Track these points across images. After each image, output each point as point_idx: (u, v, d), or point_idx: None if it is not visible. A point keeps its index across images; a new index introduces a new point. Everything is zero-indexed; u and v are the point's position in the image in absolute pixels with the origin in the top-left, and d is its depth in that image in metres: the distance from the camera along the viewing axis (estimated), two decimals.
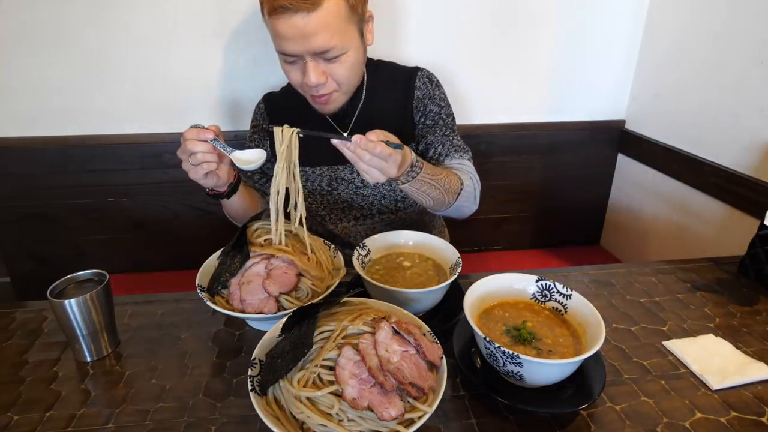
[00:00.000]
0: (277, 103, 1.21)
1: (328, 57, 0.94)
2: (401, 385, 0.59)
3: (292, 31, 0.89)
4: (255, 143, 1.21)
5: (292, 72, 0.99)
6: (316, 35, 0.90)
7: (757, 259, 1.01)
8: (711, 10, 1.38)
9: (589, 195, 1.86)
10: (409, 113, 1.14)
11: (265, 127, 1.20)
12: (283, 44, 0.93)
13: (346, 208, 1.17)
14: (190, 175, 0.89)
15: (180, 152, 0.88)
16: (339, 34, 0.92)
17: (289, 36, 0.90)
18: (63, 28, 1.36)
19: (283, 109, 1.19)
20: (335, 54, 0.94)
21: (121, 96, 1.47)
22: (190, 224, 1.63)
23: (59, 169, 1.50)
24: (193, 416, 0.68)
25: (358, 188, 1.14)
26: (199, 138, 0.85)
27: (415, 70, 1.16)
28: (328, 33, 0.90)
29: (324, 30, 0.90)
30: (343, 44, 0.94)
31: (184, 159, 0.88)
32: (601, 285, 1.00)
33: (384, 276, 0.89)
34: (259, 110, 1.22)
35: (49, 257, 1.61)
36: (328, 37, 0.91)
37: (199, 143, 0.85)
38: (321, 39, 0.90)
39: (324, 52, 0.93)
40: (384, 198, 1.16)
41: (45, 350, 0.82)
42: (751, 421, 0.68)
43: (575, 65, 1.65)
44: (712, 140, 1.42)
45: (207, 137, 0.85)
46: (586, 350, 0.66)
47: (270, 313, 0.77)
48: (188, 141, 0.85)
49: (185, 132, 0.86)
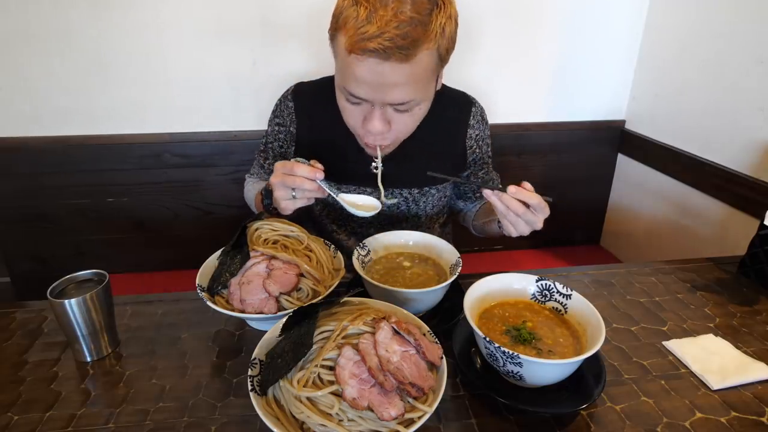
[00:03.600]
0: (309, 101, 1.08)
1: (401, 109, 0.85)
2: (401, 385, 0.59)
3: (372, 77, 0.79)
4: (280, 143, 1.11)
5: (352, 112, 0.89)
6: (398, 87, 0.80)
7: (757, 259, 1.01)
8: (711, 11, 1.39)
9: (589, 195, 1.86)
10: (460, 148, 1.10)
11: (292, 130, 1.09)
12: (355, 87, 0.82)
13: (364, 224, 1.14)
14: (284, 204, 0.85)
15: (281, 183, 0.83)
16: (422, 88, 0.84)
17: (368, 81, 0.80)
18: (64, 28, 1.36)
19: (314, 109, 1.07)
20: (409, 107, 0.86)
21: (122, 96, 1.47)
22: (190, 224, 1.63)
23: (59, 169, 1.50)
24: (193, 416, 0.68)
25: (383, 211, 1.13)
26: (311, 176, 0.81)
27: (469, 104, 1.10)
28: (412, 87, 0.81)
29: (408, 83, 0.80)
30: (420, 97, 0.85)
31: (285, 190, 0.84)
32: (601, 285, 1.00)
33: (384, 276, 0.89)
34: (287, 108, 1.09)
35: (49, 257, 1.61)
36: (411, 91, 0.82)
37: (308, 182, 0.82)
38: (402, 92, 0.81)
39: (400, 104, 0.84)
40: (406, 222, 1.14)
41: (45, 350, 0.82)
42: (751, 421, 0.68)
43: (575, 65, 1.65)
44: (712, 140, 1.42)
45: (319, 177, 0.82)
46: (586, 350, 0.66)
47: (270, 313, 0.77)
48: (298, 178, 0.81)
49: (297, 167, 0.82)
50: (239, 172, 1.59)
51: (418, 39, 0.76)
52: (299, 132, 1.09)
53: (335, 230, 1.17)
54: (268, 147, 1.14)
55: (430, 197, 1.12)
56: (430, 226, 1.19)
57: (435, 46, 0.80)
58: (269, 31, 1.45)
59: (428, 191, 1.11)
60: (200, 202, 1.62)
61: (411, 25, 0.75)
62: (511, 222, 0.82)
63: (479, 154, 1.14)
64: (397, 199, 1.09)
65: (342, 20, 0.79)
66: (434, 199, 1.13)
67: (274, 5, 1.43)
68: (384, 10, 0.75)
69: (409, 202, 1.11)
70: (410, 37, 0.75)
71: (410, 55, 0.76)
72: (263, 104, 1.54)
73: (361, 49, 0.76)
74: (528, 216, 0.80)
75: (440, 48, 0.81)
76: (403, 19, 0.75)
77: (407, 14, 0.75)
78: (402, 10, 0.75)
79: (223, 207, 1.64)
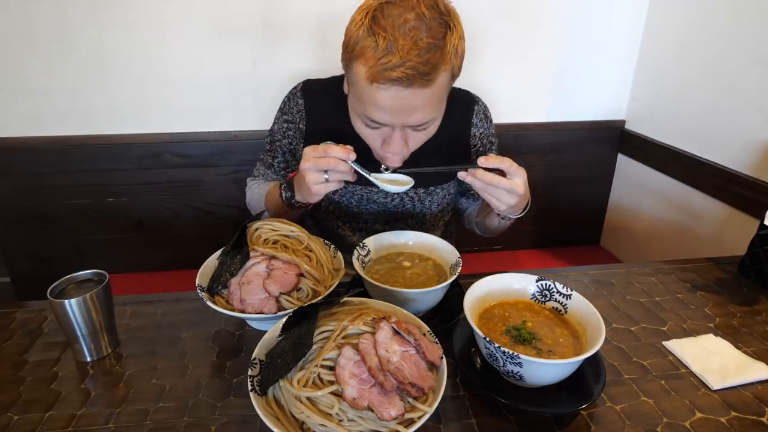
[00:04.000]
0: (318, 100, 1.09)
1: (420, 129, 0.88)
2: (401, 385, 0.59)
3: (395, 104, 0.81)
4: (289, 140, 1.11)
5: (371, 136, 0.91)
6: (419, 111, 0.83)
7: (757, 259, 1.01)
8: (711, 11, 1.39)
9: (589, 195, 1.86)
10: (464, 146, 1.12)
11: (301, 127, 1.09)
12: (377, 114, 0.84)
13: (369, 220, 1.15)
14: (316, 189, 0.85)
15: (313, 167, 0.83)
16: (438, 106, 0.86)
17: (390, 108, 0.82)
18: (64, 28, 1.36)
19: (324, 108, 1.08)
20: (427, 126, 0.88)
21: (122, 96, 1.47)
22: (190, 224, 1.63)
23: (59, 169, 1.50)
24: (193, 416, 0.68)
25: (388, 209, 1.13)
26: (343, 157, 0.82)
27: (472, 102, 1.12)
28: (431, 108, 0.84)
29: (428, 105, 0.83)
30: (437, 115, 0.88)
31: (317, 174, 0.84)
32: (601, 285, 1.00)
33: (384, 276, 0.89)
34: (297, 105, 1.09)
35: (49, 257, 1.61)
36: (430, 112, 0.85)
37: (342, 163, 0.82)
38: (422, 114, 0.84)
39: (419, 125, 0.86)
40: (411, 219, 1.15)
41: (45, 350, 0.82)
42: (751, 421, 0.68)
43: (575, 65, 1.65)
44: (712, 140, 1.42)
45: (351, 158, 0.82)
46: (586, 350, 0.66)
47: (270, 313, 0.77)
48: (332, 159, 0.82)
49: (330, 149, 0.82)
50: (239, 172, 1.59)
51: (437, 63, 0.78)
52: (308, 129, 1.09)
53: (340, 226, 1.18)
54: (275, 145, 1.14)
55: (435, 196, 1.13)
56: (434, 224, 1.20)
57: (450, 67, 0.82)
58: (269, 31, 1.45)
59: (434, 190, 1.12)
60: (200, 202, 1.62)
61: (430, 52, 0.77)
62: (492, 195, 0.84)
63: (483, 152, 1.15)
64: None
65: (359, 50, 0.80)
66: (439, 197, 1.14)
67: (274, 5, 1.43)
68: (404, 39, 0.76)
69: (414, 201, 1.12)
70: (430, 63, 0.77)
71: (431, 80, 0.79)
72: (263, 104, 1.54)
73: (384, 78, 0.77)
74: (505, 184, 0.82)
75: (454, 68, 0.84)
76: (422, 47, 0.76)
77: (425, 41, 0.77)
78: (420, 38, 0.77)
79: (223, 207, 1.64)
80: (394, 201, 1.11)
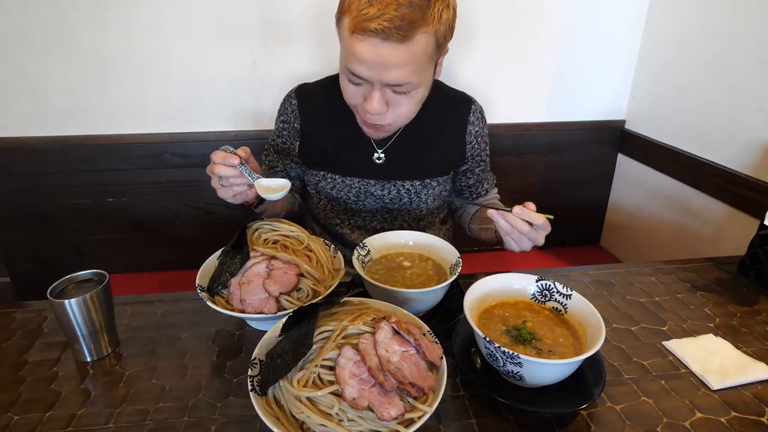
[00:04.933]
0: (312, 99, 1.12)
1: (399, 91, 0.90)
2: (401, 385, 0.59)
3: (372, 57, 0.84)
4: (283, 140, 1.15)
5: (353, 93, 0.94)
6: (396, 68, 0.85)
7: (757, 259, 1.01)
8: (711, 10, 1.38)
9: (589, 195, 1.86)
10: (460, 144, 1.13)
11: (296, 126, 1.13)
12: (357, 66, 0.87)
13: (368, 217, 1.16)
14: (219, 194, 0.87)
15: (209, 171, 0.86)
16: (419, 71, 0.88)
17: (368, 61, 0.84)
18: (64, 28, 1.36)
19: (318, 106, 1.11)
20: (407, 89, 0.90)
21: (122, 96, 1.47)
22: (190, 224, 1.63)
23: (59, 169, 1.50)
24: (193, 416, 0.68)
25: (385, 204, 1.14)
26: (225, 163, 0.83)
27: (469, 102, 1.14)
28: (410, 68, 0.85)
29: (407, 64, 0.85)
30: (419, 81, 0.90)
31: (214, 179, 0.86)
32: (601, 285, 1.00)
33: (384, 276, 0.89)
34: (291, 105, 1.13)
35: (49, 257, 1.61)
36: (408, 73, 0.86)
37: (226, 168, 0.83)
38: (401, 73, 0.85)
39: (398, 85, 0.88)
40: (408, 214, 1.16)
41: (45, 350, 0.82)
42: (751, 421, 0.68)
43: (575, 65, 1.65)
44: (712, 140, 1.42)
45: (233, 162, 0.83)
46: (586, 350, 0.66)
47: (270, 313, 0.77)
48: (216, 165, 0.83)
49: (213, 155, 0.84)
50: None
51: (416, 21, 0.81)
52: (303, 127, 1.13)
53: (338, 224, 1.19)
54: (271, 144, 1.19)
55: (431, 189, 1.14)
56: (431, 221, 1.21)
57: (432, 31, 0.85)
58: (269, 31, 1.45)
59: (429, 183, 1.13)
60: (200, 202, 1.61)
61: (409, 8, 0.81)
62: (515, 240, 0.86)
63: (477, 150, 1.16)
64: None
65: (347, 4, 0.85)
66: (435, 192, 1.15)
67: (274, 5, 1.42)
68: None
69: (411, 195, 1.13)
70: (408, 19, 0.81)
71: (407, 36, 0.81)
72: (263, 104, 1.54)
73: (362, 29, 0.81)
74: (532, 234, 0.83)
75: (438, 33, 0.86)
76: (402, 2, 0.81)
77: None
78: None
79: (223, 207, 1.62)
80: (391, 194, 1.12)
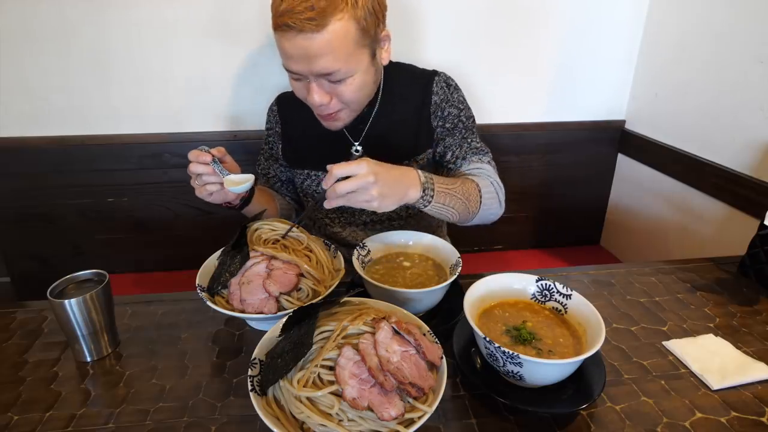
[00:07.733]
0: (290, 105, 1.17)
1: (333, 79, 0.91)
2: (401, 385, 0.59)
3: (295, 51, 0.86)
4: (270, 146, 1.22)
5: (298, 88, 0.97)
6: (320, 57, 0.86)
7: (757, 259, 1.01)
8: (711, 10, 1.38)
9: (589, 195, 1.86)
10: (425, 118, 1.10)
11: (278, 130, 1.19)
12: (287, 62, 0.91)
13: (356, 213, 1.17)
14: (196, 193, 0.91)
15: (188, 170, 0.89)
16: (345, 58, 0.88)
17: (293, 55, 0.87)
18: (63, 27, 1.36)
19: (297, 110, 1.14)
20: (340, 77, 0.90)
21: (121, 96, 1.47)
22: (190, 224, 1.63)
23: (59, 169, 1.50)
24: (193, 416, 0.68)
25: None
26: (199, 161, 0.87)
27: (432, 75, 1.12)
28: (332, 56, 0.86)
29: (328, 53, 0.86)
30: (348, 67, 0.90)
31: (192, 178, 0.90)
32: (601, 285, 1.00)
33: (384, 276, 0.89)
34: (272, 113, 1.21)
35: (49, 257, 1.61)
36: (332, 60, 0.87)
37: (199, 165, 0.87)
38: (324, 62, 0.87)
39: (328, 74, 0.89)
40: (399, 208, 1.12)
41: (45, 350, 0.82)
42: (751, 421, 0.68)
43: (575, 65, 1.65)
44: (712, 140, 1.42)
45: (206, 160, 0.87)
46: (586, 350, 0.66)
47: (270, 313, 0.77)
48: (191, 163, 0.87)
49: (189, 154, 0.88)
50: None
51: (325, 9, 0.82)
52: (284, 131, 1.18)
53: (328, 224, 1.21)
54: (261, 153, 1.26)
55: None
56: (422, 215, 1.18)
57: (349, 16, 0.85)
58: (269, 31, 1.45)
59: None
60: (200, 202, 1.58)
61: None
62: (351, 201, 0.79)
63: (451, 118, 1.10)
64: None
65: (271, 5, 0.88)
66: None
67: None
68: None
69: None
70: (317, 8, 0.82)
71: (321, 25, 0.83)
72: (263, 104, 1.53)
73: (278, 25, 0.85)
74: (349, 185, 0.76)
75: (357, 18, 0.87)
76: None
77: None
78: None
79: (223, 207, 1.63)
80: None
